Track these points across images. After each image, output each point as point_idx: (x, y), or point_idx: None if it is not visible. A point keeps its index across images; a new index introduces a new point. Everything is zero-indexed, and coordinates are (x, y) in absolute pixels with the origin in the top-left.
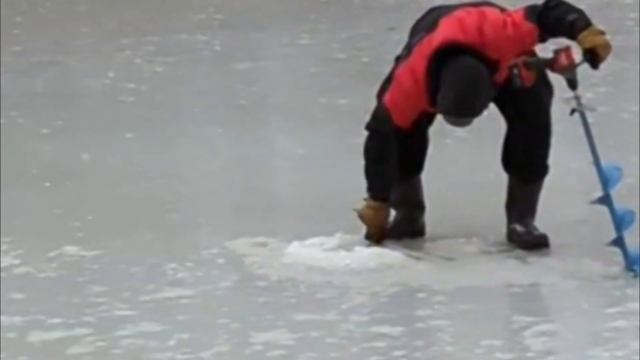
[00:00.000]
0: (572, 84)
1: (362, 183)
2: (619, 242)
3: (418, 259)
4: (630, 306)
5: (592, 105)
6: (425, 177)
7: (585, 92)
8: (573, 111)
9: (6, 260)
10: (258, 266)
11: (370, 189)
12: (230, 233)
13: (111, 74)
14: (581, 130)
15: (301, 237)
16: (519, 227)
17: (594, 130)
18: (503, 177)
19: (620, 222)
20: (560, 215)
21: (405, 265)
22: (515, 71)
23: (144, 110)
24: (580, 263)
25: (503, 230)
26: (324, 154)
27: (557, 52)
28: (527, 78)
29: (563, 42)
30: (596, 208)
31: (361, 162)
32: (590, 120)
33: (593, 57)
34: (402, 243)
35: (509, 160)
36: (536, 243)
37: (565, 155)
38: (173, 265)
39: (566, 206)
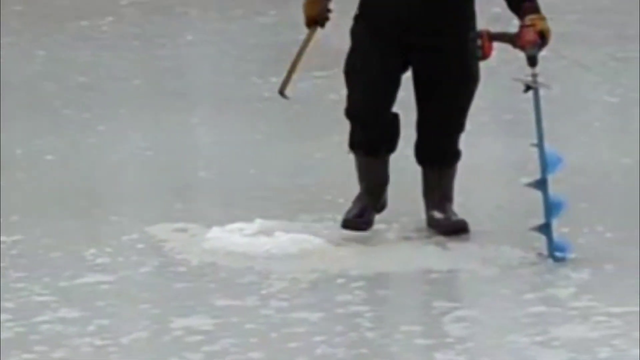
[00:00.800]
0: (533, 61)
1: (284, 168)
2: (545, 228)
3: (338, 245)
4: (549, 292)
5: (547, 83)
6: (348, 164)
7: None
8: (528, 88)
9: None
10: (178, 251)
11: None
12: (150, 219)
13: (36, 60)
14: (507, 116)
15: (221, 222)
16: (437, 214)
17: None
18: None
19: (551, 208)
20: (480, 201)
21: (325, 251)
22: (479, 42)
23: (66, 96)
24: (500, 249)
25: (423, 216)
26: (244, 139)
27: (522, 27)
28: (489, 50)
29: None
30: (515, 194)
31: (282, 149)
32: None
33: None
34: (323, 229)
35: (418, 147)
36: (455, 229)
37: (486, 140)
38: (93, 250)
39: (486, 192)
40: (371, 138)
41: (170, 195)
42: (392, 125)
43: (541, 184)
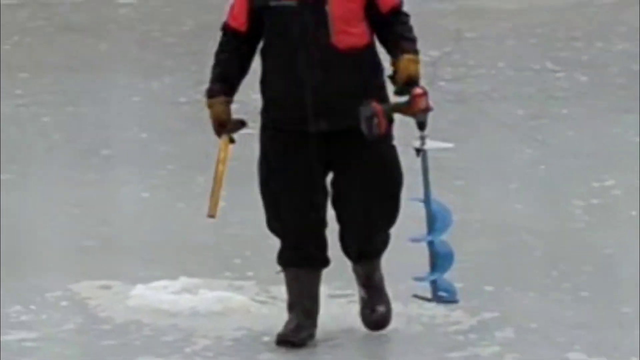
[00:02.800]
0: (423, 125)
1: (206, 225)
2: (432, 283)
3: (263, 302)
4: (472, 350)
5: (436, 144)
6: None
7: None
8: (418, 151)
9: None
10: (102, 309)
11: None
12: (74, 276)
13: None
14: None
15: (145, 280)
16: (364, 309)
17: None
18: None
19: (439, 262)
20: (401, 257)
21: (249, 310)
22: (375, 121)
23: None
24: (423, 307)
25: (349, 273)
26: (166, 197)
27: (414, 96)
28: (385, 126)
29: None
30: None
31: (203, 206)
32: None
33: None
34: (247, 286)
35: (343, 243)
36: (376, 325)
37: None
38: (17, 307)
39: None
40: (302, 252)
41: (94, 253)
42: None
43: (429, 244)
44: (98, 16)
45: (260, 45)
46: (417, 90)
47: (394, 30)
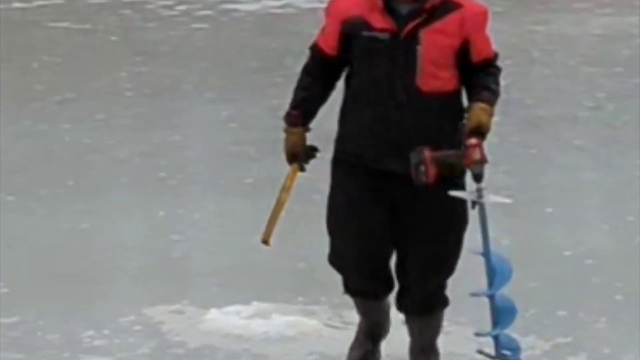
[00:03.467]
0: (479, 177)
1: (278, 250)
2: (495, 338)
3: (335, 327)
4: None
5: (495, 197)
6: None
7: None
8: (474, 204)
9: None
10: (175, 333)
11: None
12: (148, 300)
13: (23, 141)
14: None
15: (218, 304)
16: None
17: None
18: None
19: (499, 319)
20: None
21: (322, 334)
22: (422, 168)
23: (63, 177)
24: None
25: None
26: (239, 222)
27: (468, 146)
28: (433, 176)
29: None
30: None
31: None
32: None
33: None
34: (320, 311)
35: (398, 294)
36: None
37: None
38: (90, 332)
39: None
40: (366, 287)
41: (168, 278)
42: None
43: (490, 297)
44: (172, 40)
45: (345, 72)
46: (472, 141)
47: (480, 79)
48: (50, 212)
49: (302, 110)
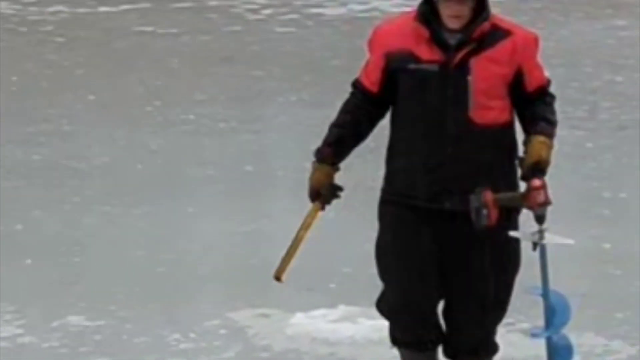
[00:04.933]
0: (541, 219)
1: (365, 253)
2: None
3: None
4: None
5: (558, 238)
6: None
7: None
8: (536, 245)
9: (9, 330)
10: (261, 337)
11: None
12: (233, 304)
13: (116, 145)
14: None
15: (304, 308)
16: None
17: None
18: None
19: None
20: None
21: None
22: (484, 212)
23: (145, 181)
24: (583, 337)
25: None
26: (326, 226)
27: (532, 188)
28: (495, 218)
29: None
30: (596, 282)
31: (363, 234)
32: None
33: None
34: None
35: (446, 339)
36: None
37: None
38: (176, 335)
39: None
40: (415, 336)
41: (253, 281)
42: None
43: (547, 339)
44: (258, 44)
45: (390, 112)
46: (536, 183)
47: (536, 110)
48: (135, 216)
49: (335, 149)
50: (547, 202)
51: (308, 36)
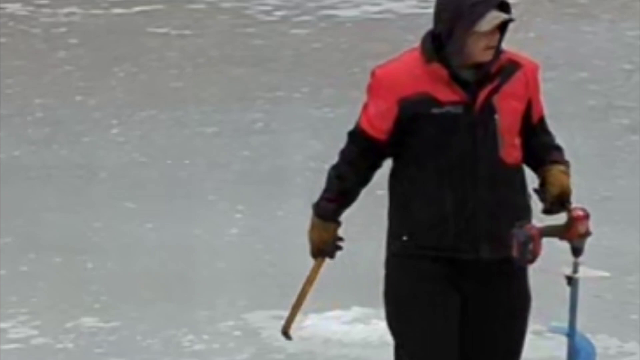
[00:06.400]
0: (578, 252)
1: (378, 255)
2: None
3: None
4: None
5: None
6: None
7: None
8: (570, 279)
9: (24, 331)
10: (275, 339)
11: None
12: (247, 306)
13: (126, 146)
14: None
15: (318, 310)
16: None
17: None
18: None
19: None
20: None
21: None
22: (530, 247)
23: (158, 182)
24: (596, 338)
25: None
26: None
27: (574, 219)
28: (539, 251)
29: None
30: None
31: (376, 236)
32: None
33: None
34: None
35: None
36: None
37: None
38: (190, 337)
39: None
40: None
41: (266, 283)
42: None
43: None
44: (271, 45)
45: (397, 162)
46: (579, 213)
47: (543, 139)
48: (149, 218)
49: (338, 205)
50: (588, 233)
51: (321, 38)
